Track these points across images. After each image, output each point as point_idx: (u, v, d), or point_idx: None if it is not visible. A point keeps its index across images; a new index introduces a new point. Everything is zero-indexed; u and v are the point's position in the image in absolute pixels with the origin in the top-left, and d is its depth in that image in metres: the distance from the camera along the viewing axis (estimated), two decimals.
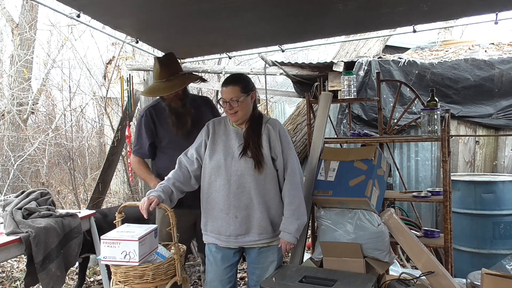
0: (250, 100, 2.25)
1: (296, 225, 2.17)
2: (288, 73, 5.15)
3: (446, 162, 2.58)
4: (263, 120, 2.30)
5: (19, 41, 7.30)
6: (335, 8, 2.66)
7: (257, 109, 2.36)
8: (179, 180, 2.28)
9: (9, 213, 2.69)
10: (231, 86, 2.21)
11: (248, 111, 2.26)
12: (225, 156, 2.24)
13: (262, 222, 2.20)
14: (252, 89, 2.28)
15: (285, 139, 2.27)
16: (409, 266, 3.71)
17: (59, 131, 7.32)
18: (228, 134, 2.30)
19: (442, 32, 7.21)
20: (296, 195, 2.21)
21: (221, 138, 2.30)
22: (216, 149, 2.28)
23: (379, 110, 3.26)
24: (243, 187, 2.20)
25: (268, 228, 2.22)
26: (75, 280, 3.91)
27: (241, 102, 2.20)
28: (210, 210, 2.28)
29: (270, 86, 8.55)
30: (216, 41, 3.49)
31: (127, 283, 2.05)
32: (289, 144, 2.28)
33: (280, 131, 2.27)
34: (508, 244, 3.49)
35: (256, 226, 2.21)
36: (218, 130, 2.33)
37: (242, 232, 2.23)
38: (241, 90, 2.20)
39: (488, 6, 2.79)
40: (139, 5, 2.59)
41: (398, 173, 4.01)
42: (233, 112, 2.21)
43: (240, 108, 2.21)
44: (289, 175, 2.23)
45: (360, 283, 2.07)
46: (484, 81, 4.25)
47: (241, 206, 2.20)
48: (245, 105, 2.22)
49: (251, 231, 2.22)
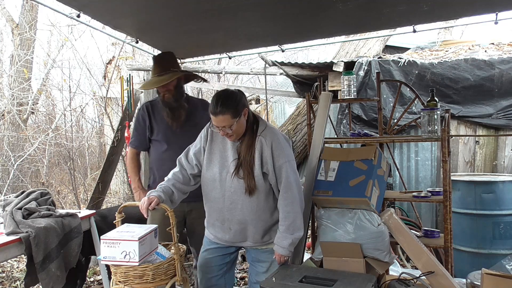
0: (243, 119, 2.15)
1: (290, 240, 2.15)
2: (288, 73, 5.15)
3: (446, 162, 2.58)
4: (257, 132, 2.19)
5: (19, 41, 7.29)
6: (335, 8, 2.66)
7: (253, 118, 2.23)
8: (179, 181, 2.28)
9: (9, 213, 2.69)
10: (221, 116, 2.08)
11: (243, 129, 2.17)
12: (221, 169, 2.22)
13: (256, 235, 2.23)
14: (243, 108, 2.14)
15: (278, 152, 2.15)
16: (409, 266, 3.71)
17: (59, 131, 7.32)
18: (225, 143, 2.25)
19: (442, 32, 7.21)
20: (291, 210, 2.15)
21: (218, 147, 2.26)
22: (212, 160, 2.25)
23: (379, 110, 3.26)
24: (235, 204, 2.19)
25: (265, 237, 2.25)
26: None
27: (234, 126, 2.11)
28: (209, 216, 2.34)
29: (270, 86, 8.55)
30: (216, 41, 3.49)
31: (127, 283, 2.05)
32: (283, 156, 2.15)
33: (273, 144, 2.15)
34: (508, 244, 3.49)
35: (251, 237, 2.24)
36: (216, 136, 2.28)
37: (238, 240, 2.27)
38: (232, 117, 2.09)
39: (488, 6, 2.79)
40: (139, 5, 2.59)
41: (398, 173, 4.01)
42: (228, 136, 2.16)
43: (235, 131, 2.13)
44: (283, 188, 2.16)
45: (360, 283, 2.07)
46: (484, 81, 4.25)
47: (234, 220, 2.22)
48: (239, 127, 2.14)
49: (247, 239, 2.26)
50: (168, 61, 2.81)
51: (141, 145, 2.90)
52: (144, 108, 2.87)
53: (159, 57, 2.88)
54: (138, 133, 2.88)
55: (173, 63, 2.83)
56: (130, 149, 2.93)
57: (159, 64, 2.78)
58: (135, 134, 2.91)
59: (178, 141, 2.71)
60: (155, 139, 2.83)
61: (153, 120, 2.83)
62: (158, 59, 2.85)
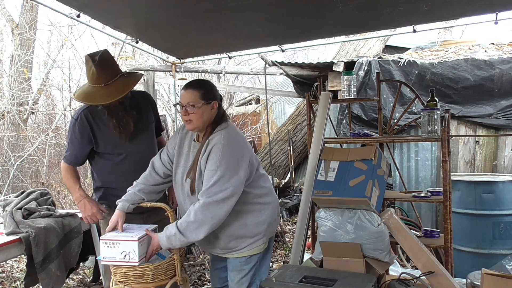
0: (209, 110, 2.04)
1: (167, 236, 1.97)
2: (288, 73, 5.16)
3: (446, 162, 2.58)
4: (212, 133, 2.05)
5: (19, 41, 7.30)
6: (335, 8, 2.66)
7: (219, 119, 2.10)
8: (148, 183, 2.21)
9: (9, 213, 2.69)
10: (190, 90, 2.02)
11: (205, 122, 2.04)
12: (182, 174, 2.12)
13: (220, 241, 2.11)
14: (214, 99, 2.06)
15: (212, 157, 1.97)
16: (409, 266, 3.71)
17: (59, 131, 7.32)
18: (190, 146, 2.15)
19: (442, 32, 7.22)
20: (199, 214, 1.93)
21: (184, 150, 2.17)
22: (179, 163, 2.16)
23: (379, 110, 3.26)
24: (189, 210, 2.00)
25: (229, 244, 2.12)
26: (75, 280, 3.92)
27: (198, 108, 2.00)
28: None
29: (270, 86, 8.56)
30: (216, 41, 3.49)
31: (127, 283, 2.05)
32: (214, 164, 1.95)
33: (213, 148, 1.99)
34: (508, 244, 3.49)
35: (216, 243, 2.13)
36: (185, 138, 2.19)
37: (207, 247, 2.20)
38: (200, 96, 2.01)
39: (488, 6, 2.79)
40: (139, 5, 2.59)
41: (398, 173, 4.01)
42: (187, 119, 2.02)
43: (196, 116, 2.00)
44: (201, 193, 1.97)
45: (360, 283, 2.07)
46: (484, 81, 4.25)
47: None
48: (202, 114, 2.01)
49: (215, 247, 2.16)
50: (112, 65, 2.34)
51: (76, 161, 2.46)
52: (83, 118, 2.36)
53: (101, 62, 2.24)
54: (74, 147, 2.42)
55: (117, 66, 2.39)
56: (63, 163, 2.49)
57: (103, 72, 2.24)
58: (70, 148, 2.43)
59: (131, 151, 2.43)
60: (103, 152, 2.43)
61: (96, 131, 2.38)
62: (101, 64, 2.24)
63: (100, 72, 2.24)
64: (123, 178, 2.37)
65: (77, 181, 2.49)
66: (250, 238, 2.12)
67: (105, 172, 2.49)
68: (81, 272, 4.06)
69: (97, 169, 2.53)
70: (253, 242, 2.12)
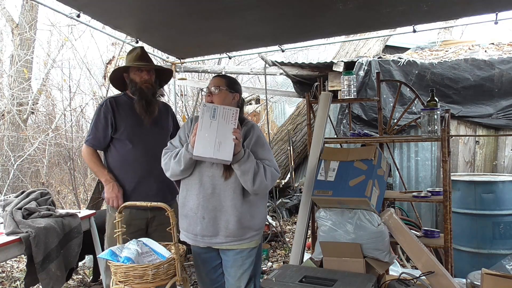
0: (231, 99, 2.25)
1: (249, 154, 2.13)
2: (288, 73, 5.16)
3: (446, 162, 2.58)
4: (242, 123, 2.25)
5: (19, 41, 7.29)
6: (335, 8, 2.67)
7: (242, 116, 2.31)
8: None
9: (9, 213, 2.69)
10: (218, 77, 2.29)
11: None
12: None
13: (230, 225, 2.15)
14: (238, 91, 2.29)
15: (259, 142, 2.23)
16: (409, 266, 3.71)
17: (59, 131, 7.32)
18: None
19: (442, 32, 7.22)
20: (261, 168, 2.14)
21: None
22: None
23: (379, 110, 3.26)
24: (213, 189, 2.16)
25: (236, 232, 2.16)
26: (75, 280, 3.92)
27: (221, 92, 2.21)
28: (182, 208, 2.27)
29: (270, 86, 8.56)
30: (216, 41, 3.49)
31: (127, 283, 2.05)
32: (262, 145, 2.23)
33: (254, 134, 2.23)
34: (508, 244, 3.49)
35: (223, 228, 2.16)
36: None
37: (209, 233, 2.19)
38: (226, 83, 2.24)
39: (488, 6, 2.79)
40: (139, 5, 2.59)
41: (398, 173, 4.02)
42: (210, 100, 2.21)
43: (218, 99, 2.20)
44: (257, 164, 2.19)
45: (360, 283, 2.08)
46: (484, 81, 4.25)
47: (209, 208, 2.16)
48: (224, 98, 2.21)
49: (218, 233, 2.18)
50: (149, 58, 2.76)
51: (99, 144, 2.66)
52: (108, 104, 2.63)
53: (144, 50, 2.74)
54: (97, 131, 2.63)
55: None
56: (86, 147, 2.67)
57: (144, 56, 2.69)
58: (93, 131, 2.64)
59: (144, 140, 2.64)
60: (119, 138, 2.64)
61: (117, 117, 2.63)
62: (144, 51, 2.73)
63: (144, 53, 2.69)
64: (129, 167, 2.61)
65: (103, 165, 2.70)
66: (254, 230, 2.22)
67: (114, 159, 2.68)
68: (81, 272, 4.06)
69: (110, 159, 2.70)
70: (255, 235, 2.23)
